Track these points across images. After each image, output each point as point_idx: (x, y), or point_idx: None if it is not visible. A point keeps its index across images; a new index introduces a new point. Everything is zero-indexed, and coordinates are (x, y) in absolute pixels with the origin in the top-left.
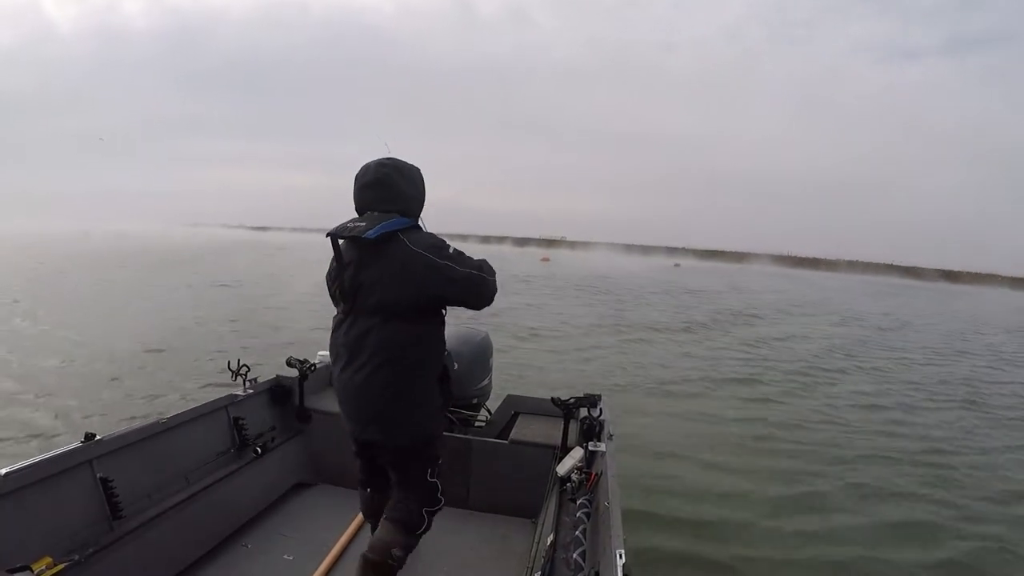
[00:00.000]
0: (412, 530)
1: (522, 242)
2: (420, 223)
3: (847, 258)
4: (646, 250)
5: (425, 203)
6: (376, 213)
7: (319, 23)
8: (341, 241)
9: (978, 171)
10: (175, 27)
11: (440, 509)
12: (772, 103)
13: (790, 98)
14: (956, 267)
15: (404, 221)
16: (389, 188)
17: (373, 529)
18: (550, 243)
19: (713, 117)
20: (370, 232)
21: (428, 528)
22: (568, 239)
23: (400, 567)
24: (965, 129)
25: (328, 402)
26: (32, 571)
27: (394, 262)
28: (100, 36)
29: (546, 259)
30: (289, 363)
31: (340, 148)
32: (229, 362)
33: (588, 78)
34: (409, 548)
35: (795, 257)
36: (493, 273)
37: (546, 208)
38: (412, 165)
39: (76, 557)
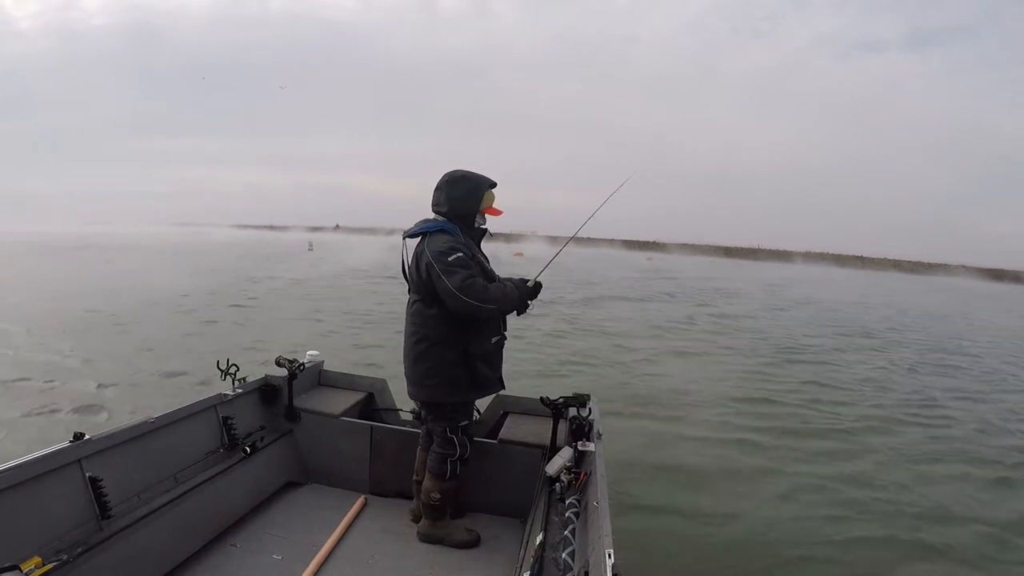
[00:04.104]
0: (440, 476)
1: (490, 236)
2: (462, 222)
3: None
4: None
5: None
6: (431, 215)
7: (279, 20)
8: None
9: (938, 163)
10: (134, 23)
11: (464, 460)
12: (733, 97)
13: (751, 92)
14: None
15: (438, 224)
16: (439, 194)
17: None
18: (517, 237)
19: (676, 110)
20: (410, 232)
21: (453, 475)
22: (539, 233)
23: (444, 506)
24: (926, 121)
25: (317, 401)
26: (21, 571)
27: (416, 257)
28: (60, 33)
29: (519, 254)
30: (278, 362)
31: (305, 145)
32: (218, 361)
33: (551, 71)
34: (445, 491)
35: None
36: (477, 297)
37: (513, 202)
38: (471, 176)
39: (65, 557)
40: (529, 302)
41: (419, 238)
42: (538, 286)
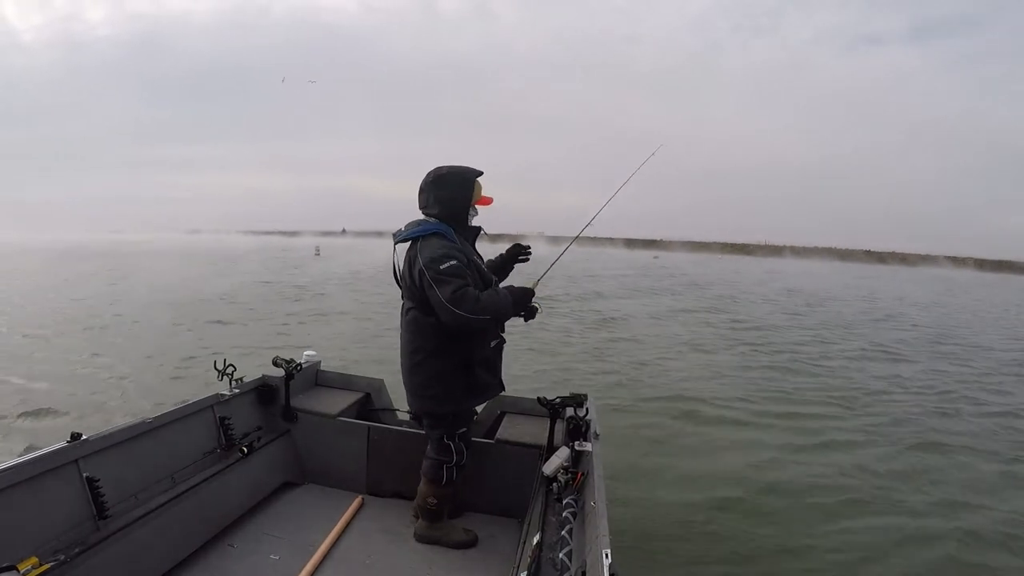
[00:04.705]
0: (436, 482)
1: (496, 238)
2: (455, 221)
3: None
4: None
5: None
6: (421, 217)
7: (281, 25)
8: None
9: (944, 157)
10: (138, 32)
11: (460, 466)
12: (737, 95)
13: (755, 89)
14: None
15: (431, 227)
16: (427, 195)
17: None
18: (521, 238)
19: (679, 109)
20: (400, 236)
21: (450, 481)
22: (546, 234)
23: (441, 509)
24: (932, 115)
25: (314, 402)
26: (18, 571)
27: (408, 263)
28: (64, 45)
29: None
30: (275, 363)
31: (309, 148)
32: (215, 362)
33: (552, 71)
34: (441, 497)
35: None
36: (469, 309)
37: (519, 203)
38: (458, 170)
39: (62, 557)
40: (537, 305)
41: (411, 241)
42: (530, 297)
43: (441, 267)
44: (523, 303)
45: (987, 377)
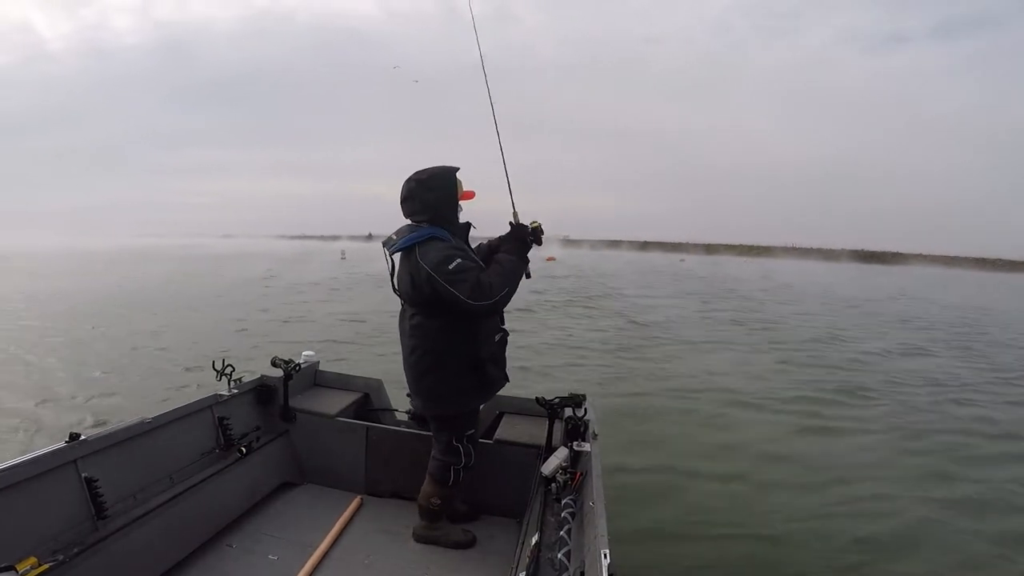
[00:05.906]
0: (442, 483)
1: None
2: (447, 222)
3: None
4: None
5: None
6: (410, 223)
7: (305, 31)
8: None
9: (968, 155)
10: (164, 39)
11: (468, 468)
12: (761, 96)
13: (778, 90)
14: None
15: (426, 232)
16: (414, 201)
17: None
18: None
19: (703, 111)
20: (395, 246)
21: (456, 482)
22: (571, 237)
23: (443, 510)
24: (956, 114)
25: (313, 402)
26: (17, 571)
27: (409, 271)
28: (92, 53)
29: (552, 258)
30: (274, 363)
31: (333, 154)
32: (214, 362)
33: (580, 74)
34: (446, 497)
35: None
36: (488, 296)
37: (544, 206)
38: (438, 171)
39: (61, 557)
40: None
41: (406, 249)
42: (527, 232)
43: (449, 267)
44: (523, 252)
45: None
